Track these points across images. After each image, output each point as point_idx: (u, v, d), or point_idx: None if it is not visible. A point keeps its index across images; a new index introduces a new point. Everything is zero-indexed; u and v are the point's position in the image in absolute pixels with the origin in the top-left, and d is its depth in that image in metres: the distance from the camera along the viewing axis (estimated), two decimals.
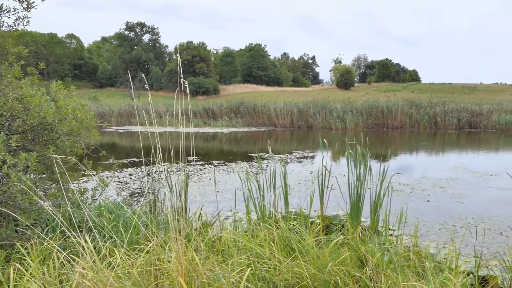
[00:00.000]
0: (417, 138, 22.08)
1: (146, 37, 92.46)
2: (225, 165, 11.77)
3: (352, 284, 2.48)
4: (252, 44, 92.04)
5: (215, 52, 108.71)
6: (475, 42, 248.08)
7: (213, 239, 3.11)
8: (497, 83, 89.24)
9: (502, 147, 18.56)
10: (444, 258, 4.14)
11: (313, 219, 5.01)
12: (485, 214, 6.63)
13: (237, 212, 6.37)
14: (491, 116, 27.81)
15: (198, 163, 12.10)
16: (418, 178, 9.88)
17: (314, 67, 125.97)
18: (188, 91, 2.76)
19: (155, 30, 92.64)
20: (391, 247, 3.53)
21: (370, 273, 2.51)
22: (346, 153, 5.09)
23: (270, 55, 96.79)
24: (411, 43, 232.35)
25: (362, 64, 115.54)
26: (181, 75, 2.80)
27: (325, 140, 5.51)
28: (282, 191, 4.78)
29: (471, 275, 3.45)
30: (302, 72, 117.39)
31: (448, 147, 18.14)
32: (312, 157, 13.61)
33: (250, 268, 2.07)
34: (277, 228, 3.37)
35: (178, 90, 2.88)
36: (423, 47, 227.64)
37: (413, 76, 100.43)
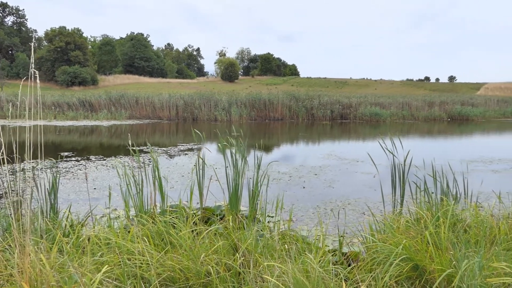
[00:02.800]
0: (296, 129, 23.50)
1: (9, 20, 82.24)
2: (104, 160, 11.12)
3: (224, 271, 2.54)
4: (133, 33, 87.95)
5: (92, 40, 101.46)
6: (346, 40, 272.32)
7: (81, 239, 2.91)
8: (364, 78, 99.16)
9: (368, 136, 20.74)
10: (316, 239, 4.49)
11: (195, 211, 5.02)
12: (352, 197, 7.35)
13: (115, 209, 6.07)
14: (359, 108, 30.90)
15: (73, 158, 11.22)
16: (295, 166, 10.52)
17: (199, 59, 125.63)
18: (38, 81, 2.50)
19: (20, 12, 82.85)
20: (267, 233, 3.70)
21: (243, 259, 2.60)
22: (220, 144, 5.17)
23: (153, 45, 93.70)
24: (291, 39, 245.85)
25: (246, 57, 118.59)
26: (33, 64, 2.52)
27: (215, 132, 5.52)
28: (158, 185, 4.67)
29: (336, 252, 3.80)
30: (187, 64, 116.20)
31: (322, 137, 19.66)
32: (198, 150, 13.60)
33: (106, 266, 1.97)
34: (154, 223, 3.30)
35: (27, 79, 2.58)
36: (301, 43, 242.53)
37: (293, 71, 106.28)
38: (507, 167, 10.58)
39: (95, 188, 7.75)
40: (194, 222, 3.79)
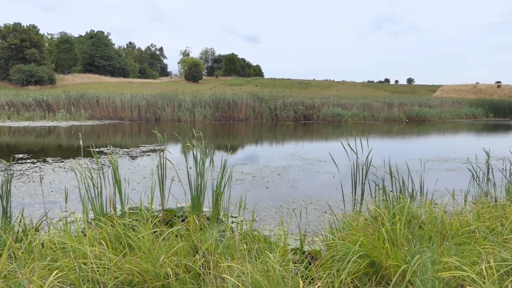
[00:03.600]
0: (260, 129, 23.60)
1: None
2: (62, 162, 10.74)
3: (183, 273, 2.52)
4: (93, 30, 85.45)
5: (49, 37, 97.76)
6: (309, 41, 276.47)
7: (34, 244, 2.80)
8: (327, 79, 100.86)
9: (330, 136, 21.12)
10: (278, 238, 4.53)
11: (156, 213, 4.94)
12: (314, 196, 7.46)
13: (73, 213, 5.88)
14: (322, 109, 31.43)
15: (29, 161, 10.77)
16: (259, 167, 10.57)
17: (162, 58, 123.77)
18: None
19: None
20: (229, 234, 3.69)
21: (203, 260, 2.59)
22: (182, 145, 5.12)
23: (114, 44, 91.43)
24: (255, 40, 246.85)
25: (210, 57, 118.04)
26: None
27: (179, 133, 5.44)
28: (117, 187, 4.57)
29: (297, 251, 3.85)
30: (150, 63, 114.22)
31: (286, 137, 19.85)
32: (160, 151, 13.37)
33: (56, 272, 1.91)
34: (113, 226, 3.22)
35: None
36: (265, 44, 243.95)
37: (257, 71, 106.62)
38: (460, 165, 11.06)
39: (52, 191, 7.47)
40: (154, 224, 3.73)
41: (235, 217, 5.68)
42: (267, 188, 8.12)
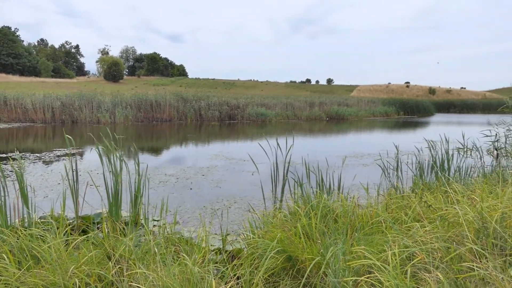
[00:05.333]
0: (185, 130, 23.28)
1: None
2: None
3: (95, 282, 2.40)
4: None
5: None
6: (233, 41, 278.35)
7: None
8: (251, 80, 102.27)
9: (255, 135, 21.43)
10: (201, 240, 4.50)
11: (70, 221, 4.66)
12: (238, 195, 7.53)
13: None
14: (246, 109, 31.80)
15: None
16: (183, 168, 10.42)
17: (79, 57, 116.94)
18: None
19: None
20: (148, 238, 3.59)
21: (118, 267, 2.48)
22: (97, 148, 4.89)
23: (23, 41, 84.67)
24: (178, 39, 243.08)
25: (131, 56, 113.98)
26: None
27: (98, 135, 5.16)
28: (21, 195, 4.23)
29: (220, 251, 3.86)
30: (65, 62, 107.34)
31: (211, 137, 19.79)
32: (80, 154, 12.65)
33: None
34: (18, 238, 2.97)
35: None
36: (189, 44, 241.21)
37: (181, 71, 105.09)
38: (374, 160, 11.83)
39: None
40: (67, 233, 3.51)
41: (157, 221, 5.55)
42: (191, 189, 8.04)
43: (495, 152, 7.05)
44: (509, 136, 7.90)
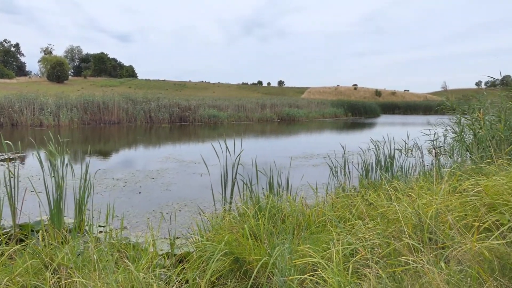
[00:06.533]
0: (134, 132, 22.69)
1: None
2: None
3: None
4: None
5: None
6: (184, 42, 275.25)
7: None
8: (203, 81, 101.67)
9: (207, 137, 21.29)
10: (148, 244, 4.40)
11: (8, 230, 4.40)
12: (189, 198, 7.45)
13: None
14: (198, 111, 31.53)
15: None
16: (132, 171, 10.15)
17: (19, 56, 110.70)
18: None
19: None
20: (93, 245, 3.46)
21: (57, 277, 2.38)
22: (37, 152, 4.66)
23: None
24: (127, 39, 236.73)
25: (77, 56, 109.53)
26: None
27: (41, 138, 4.89)
28: None
29: (169, 255, 3.79)
30: (4, 61, 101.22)
31: (162, 140, 19.43)
32: (22, 159, 11.96)
33: None
34: None
35: None
36: (139, 44, 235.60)
37: (130, 72, 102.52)
38: (323, 160, 12.13)
39: None
40: (1, 243, 3.31)
41: (103, 227, 5.36)
42: (140, 193, 7.85)
43: (434, 151, 7.46)
44: (447, 136, 8.41)
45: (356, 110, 49.17)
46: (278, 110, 37.85)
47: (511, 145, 5.10)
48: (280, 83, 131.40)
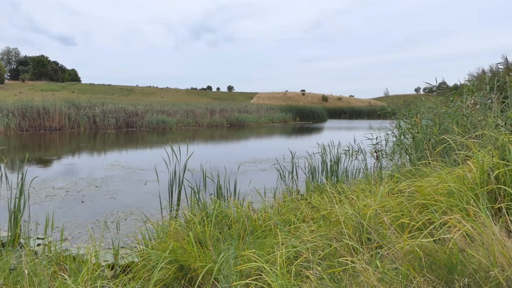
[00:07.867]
0: (78, 139, 21.77)
1: None
2: None
3: None
4: None
5: None
6: (131, 46, 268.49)
7: None
8: (151, 86, 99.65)
9: (155, 143, 20.84)
10: (91, 255, 4.23)
11: None
12: (135, 206, 7.25)
13: None
14: (145, 116, 30.82)
15: None
16: (74, 180, 9.72)
17: None
18: None
19: None
20: (28, 259, 3.28)
21: None
22: None
23: None
24: (70, 42, 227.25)
25: (14, 59, 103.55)
26: None
27: None
28: None
29: (113, 265, 3.67)
30: None
31: (107, 146, 18.78)
32: None
33: None
34: None
35: None
36: (82, 47, 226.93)
37: (73, 76, 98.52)
38: (271, 165, 12.28)
39: None
40: None
41: (41, 239, 5.09)
42: (83, 202, 7.54)
43: (375, 154, 7.80)
44: (388, 140, 8.82)
45: (304, 115, 50.38)
46: (227, 115, 37.88)
47: (444, 147, 5.44)
48: (230, 88, 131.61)
